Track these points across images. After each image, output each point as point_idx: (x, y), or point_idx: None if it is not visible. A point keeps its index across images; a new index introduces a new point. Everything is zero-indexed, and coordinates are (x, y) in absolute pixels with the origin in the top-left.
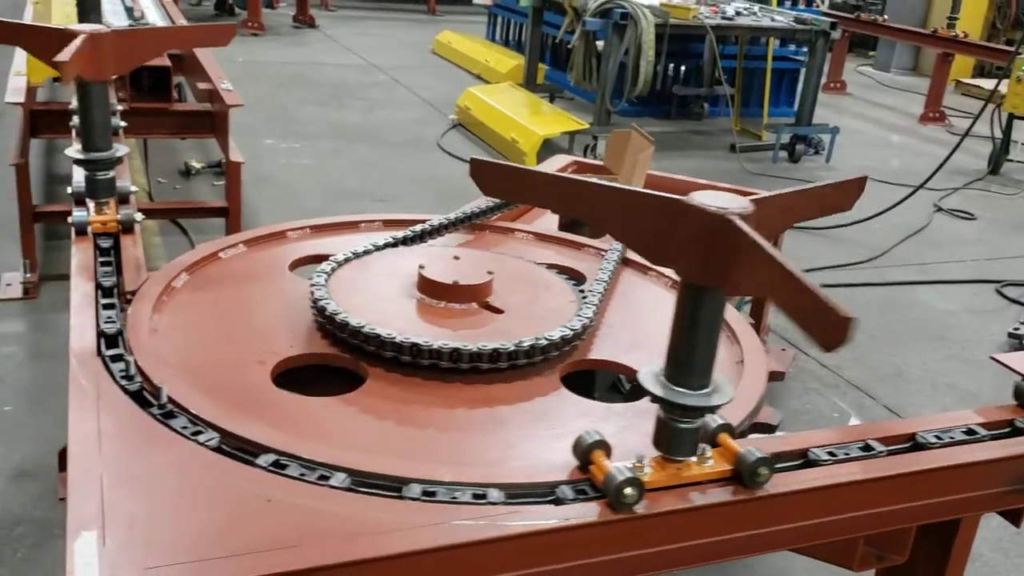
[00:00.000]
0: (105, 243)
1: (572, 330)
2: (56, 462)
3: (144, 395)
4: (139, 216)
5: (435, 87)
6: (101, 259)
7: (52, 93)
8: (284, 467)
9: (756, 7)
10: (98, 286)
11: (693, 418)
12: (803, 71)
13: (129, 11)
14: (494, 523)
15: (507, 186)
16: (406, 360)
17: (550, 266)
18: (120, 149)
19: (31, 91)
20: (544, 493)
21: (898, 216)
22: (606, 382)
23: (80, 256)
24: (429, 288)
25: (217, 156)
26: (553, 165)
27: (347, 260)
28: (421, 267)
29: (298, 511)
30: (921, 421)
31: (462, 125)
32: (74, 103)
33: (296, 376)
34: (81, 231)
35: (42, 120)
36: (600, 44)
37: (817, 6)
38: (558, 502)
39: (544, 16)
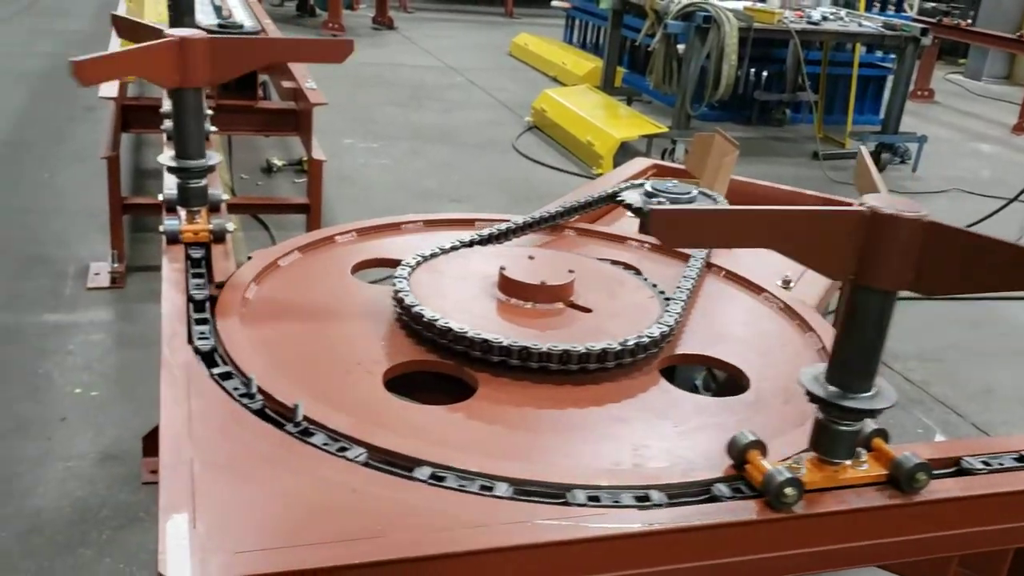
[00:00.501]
0: (196, 253)
1: (669, 326)
2: (140, 447)
3: (266, 412)
4: (231, 226)
5: (511, 89)
6: (193, 270)
7: (142, 88)
8: (441, 479)
9: (843, 12)
10: (190, 299)
11: (855, 421)
12: (890, 78)
13: (218, 10)
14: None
15: (691, 234)
16: (514, 364)
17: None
18: (213, 157)
19: (123, 86)
20: (700, 492)
21: (989, 229)
22: (686, 383)
23: (171, 266)
24: (514, 289)
25: (297, 155)
26: (632, 168)
27: (419, 263)
28: (502, 268)
29: (381, 501)
30: None
31: (537, 127)
32: (167, 105)
33: (390, 383)
34: (172, 240)
35: (133, 115)
36: (681, 47)
37: (907, 11)
38: (714, 500)
39: (624, 19)
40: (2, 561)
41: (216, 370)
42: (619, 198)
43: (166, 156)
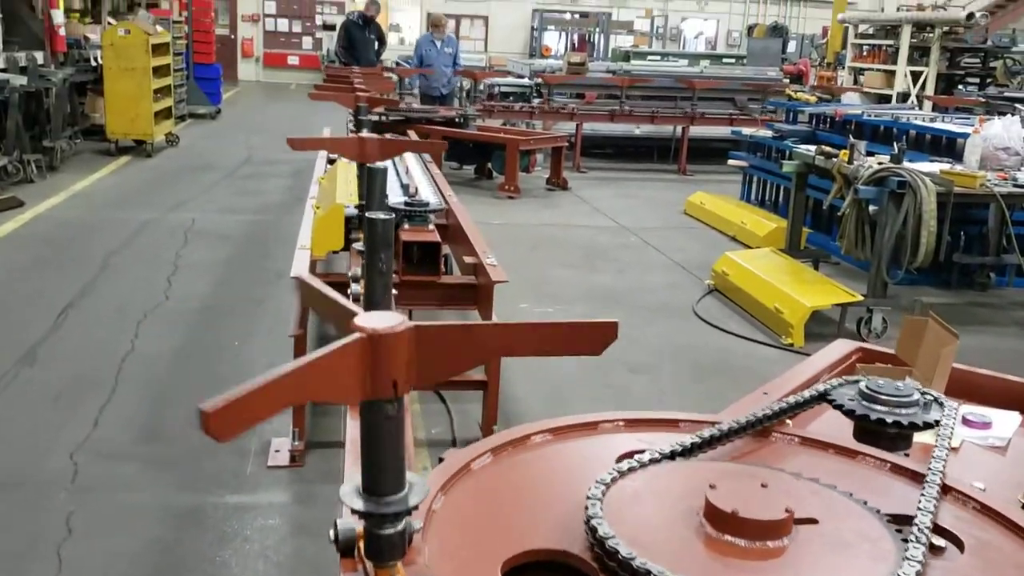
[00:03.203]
0: None
1: (931, 511)
2: None
3: None
4: None
5: (687, 249)
6: None
7: (328, 265)
8: None
9: None
10: None
11: None
12: None
13: (405, 188)
14: None
15: None
16: None
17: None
18: (416, 487)
19: (313, 263)
20: None
21: None
22: None
23: None
24: (747, 528)
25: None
26: (835, 352)
27: (604, 491)
28: (734, 511)
29: None
30: None
31: (718, 291)
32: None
33: None
34: None
35: None
36: (873, 208)
37: None
38: None
39: (807, 179)
40: None
41: None
42: (830, 398)
43: (348, 488)
